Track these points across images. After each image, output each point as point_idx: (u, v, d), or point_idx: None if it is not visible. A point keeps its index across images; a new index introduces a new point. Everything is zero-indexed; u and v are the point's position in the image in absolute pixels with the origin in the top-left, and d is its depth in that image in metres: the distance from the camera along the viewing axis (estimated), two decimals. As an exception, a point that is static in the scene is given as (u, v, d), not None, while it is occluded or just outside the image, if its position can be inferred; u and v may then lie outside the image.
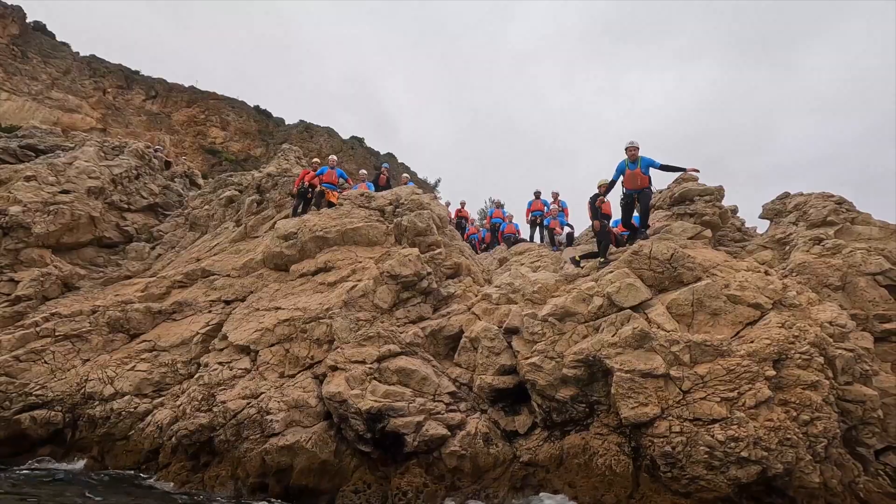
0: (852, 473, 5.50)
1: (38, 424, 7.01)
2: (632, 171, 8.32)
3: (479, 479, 5.95)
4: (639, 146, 8.31)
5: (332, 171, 11.78)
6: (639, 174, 8.27)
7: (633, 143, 8.28)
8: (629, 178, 8.38)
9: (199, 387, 7.07)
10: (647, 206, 8.52)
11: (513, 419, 6.60)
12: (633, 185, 8.36)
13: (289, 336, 7.48)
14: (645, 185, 8.35)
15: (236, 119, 38.52)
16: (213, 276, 9.56)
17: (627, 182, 8.43)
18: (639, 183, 8.31)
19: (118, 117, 32.96)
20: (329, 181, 11.53)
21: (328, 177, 11.58)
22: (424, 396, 6.50)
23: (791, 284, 7.24)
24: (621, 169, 8.45)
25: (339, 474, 6.01)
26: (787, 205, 11.44)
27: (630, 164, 8.34)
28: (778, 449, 4.95)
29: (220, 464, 6.22)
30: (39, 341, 8.11)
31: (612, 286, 6.71)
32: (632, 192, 8.43)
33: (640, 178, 8.27)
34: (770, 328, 5.97)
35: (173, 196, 13.96)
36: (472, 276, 9.60)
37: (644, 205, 8.48)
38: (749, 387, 5.35)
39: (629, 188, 8.44)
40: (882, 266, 8.52)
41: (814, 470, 4.97)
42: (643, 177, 8.27)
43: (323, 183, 11.32)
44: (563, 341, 6.59)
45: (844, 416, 5.85)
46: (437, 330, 7.76)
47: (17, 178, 10.36)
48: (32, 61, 30.31)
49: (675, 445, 5.16)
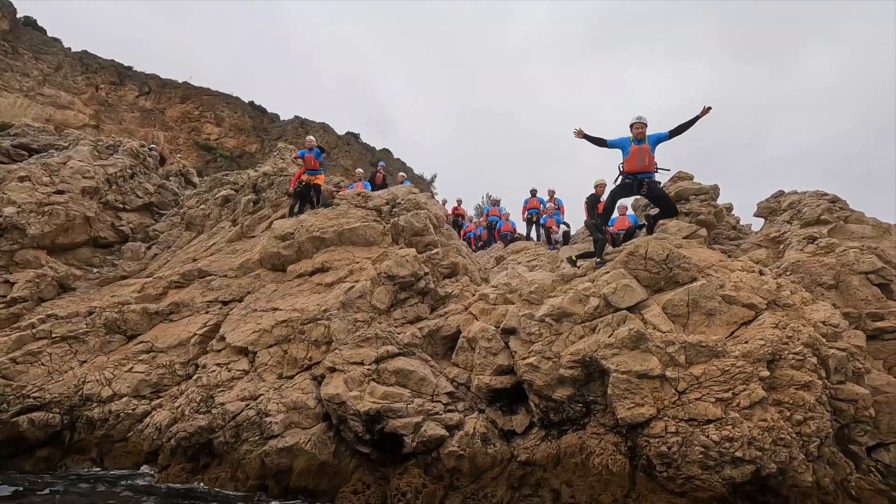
0: (844, 472, 5.60)
1: (36, 427, 7.00)
2: (638, 147, 6.86)
3: (478, 479, 6.00)
4: (647, 123, 6.96)
5: (311, 154, 11.40)
6: (647, 151, 6.81)
7: (640, 119, 6.91)
8: (633, 157, 6.89)
9: (197, 388, 7.08)
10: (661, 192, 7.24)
11: (510, 419, 6.66)
12: (639, 166, 6.89)
13: (287, 337, 7.50)
14: (652, 169, 6.96)
15: (231, 115, 38.28)
16: (209, 277, 9.54)
17: (631, 162, 6.96)
18: (647, 163, 6.86)
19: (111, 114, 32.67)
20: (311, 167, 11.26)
21: (308, 163, 11.29)
22: (423, 397, 6.54)
23: (785, 284, 7.31)
24: (623, 144, 7.00)
25: (338, 475, 6.05)
26: (781, 203, 11.53)
27: (636, 142, 6.96)
28: (772, 449, 5.03)
29: (219, 465, 6.25)
30: (36, 343, 8.09)
31: (609, 287, 6.75)
32: (635, 175, 6.94)
33: (647, 158, 6.82)
34: (764, 328, 6.04)
35: (168, 195, 13.89)
36: (470, 276, 9.64)
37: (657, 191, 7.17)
38: (743, 387, 5.42)
39: (632, 170, 6.95)
40: (875, 265, 8.62)
41: (807, 469, 5.05)
42: (651, 156, 6.84)
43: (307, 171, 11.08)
44: (559, 342, 6.64)
45: (837, 415, 5.94)
46: (434, 330, 7.80)
47: (11, 178, 10.27)
48: (23, 57, 29.95)
49: (671, 445, 5.22)
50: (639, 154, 6.80)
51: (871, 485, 5.73)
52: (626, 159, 6.95)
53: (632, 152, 6.89)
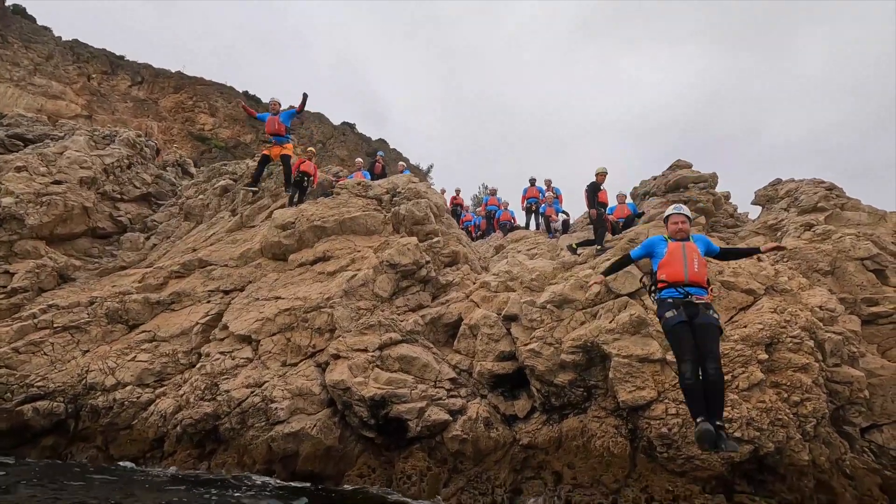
0: (839, 451, 5.74)
1: (40, 415, 7.04)
2: (680, 246, 4.31)
3: (481, 462, 6.11)
4: (691, 217, 4.62)
5: (275, 117, 9.79)
6: (695, 252, 4.26)
7: (679, 211, 4.51)
8: (674, 259, 4.27)
9: (201, 376, 7.13)
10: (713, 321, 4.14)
11: (512, 404, 6.76)
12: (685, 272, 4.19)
13: (290, 325, 7.54)
14: (703, 281, 4.22)
15: (225, 105, 37.84)
16: (210, 267, 9.54)
17: (671, 267, 4.26)
18: (696, 269, 4.19)
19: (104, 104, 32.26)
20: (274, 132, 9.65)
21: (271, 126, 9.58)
22: (426, 383, 6.62)
23: (783, 270, 7.42)
24: (652, 247, 4.49)
25: (343, 459, 6.15)
26: (778, 191, 11.62)
27: (674, 239, 4.41)
28: (769, 429, 5.15)
29: (225, 451, 6.32)
30: (38, 333, 8.09)
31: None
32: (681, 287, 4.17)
33: (696, 261, 4.22)
34: (763, 313, 6.15)
35: (166, 185, 13.80)
36: (470, 265, 9.69)
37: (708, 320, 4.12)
38: (742, 370, 5.53)
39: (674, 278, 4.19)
40: (870, 251, 8.74)
41: (803, 448, 5.18)
42: (702, 261, 4.27)
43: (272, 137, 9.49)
44: (561, 328, 6.72)
45: (832, 397, 6.07)
46: (436, 318, 7.87)
47: (8, 168, 10.18)
48: (13, 46, 29.45)
49: (671, 427, 5.34)
50: (682, 254, 4.24)
51: (865, 464, 5.88)
52: (662, 264, 4.33)
53: (671, 251, 4.31)
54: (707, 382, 3.80)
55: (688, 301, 4.05)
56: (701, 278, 4.17)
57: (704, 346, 3.89)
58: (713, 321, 4.00)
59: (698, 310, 4.02)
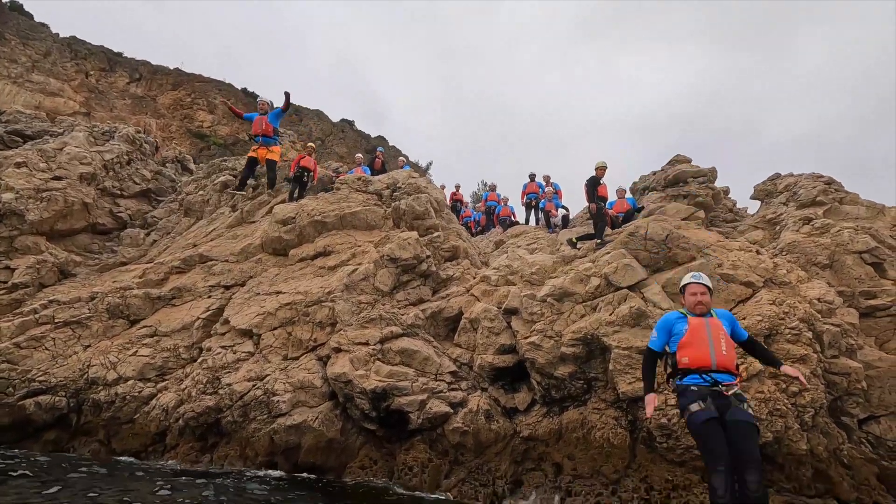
0: (837, 441, 5.79)
1: (42, 410, 7.06)
2: (704, 322, 3.72)
3: (482, 454, 6.16)
4: (711, 287, 4.00)
5: (263, 117, 9.54)
6: (720, 330, 3.67)
7: (700, 280, 3.93)
8: (698, 339, 3.65)
9: (203, 370, 7.15)
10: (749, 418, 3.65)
11: (513, 396, 6.80)
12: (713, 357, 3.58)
13: (291, 319, 7.57)
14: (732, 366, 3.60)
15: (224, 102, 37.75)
16: (211, 262, 9.55)
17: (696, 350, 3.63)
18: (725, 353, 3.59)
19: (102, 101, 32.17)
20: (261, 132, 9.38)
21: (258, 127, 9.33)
22: (427, 376, 6.66)
23: (781, 263, 7.45)
24: (669, 326, 3.87)
25: (345, 452, 6.19)
26: (777, 185, 11.65)
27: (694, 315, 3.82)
28: (768, 419, 5.19)
29: (228, 444, 6.36)
30: (39, 328, 8.11)
31: (609, 266, 6.86)
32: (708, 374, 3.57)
33: (723, 341, 3.62)
34: (761, 305, 6.19)
35: (166, 181, 13.80)
36: (470, 259, 9.72)
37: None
38: (741, 361, 5.55)
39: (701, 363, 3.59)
40: (868, 244, 8.78)
41: (801, 438, 5.23)
42: (730, 341, 3.67)
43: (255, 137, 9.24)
44: (561, 321, 6.76)
45: (830, 388, 6.12)
46: (437, 311, 7.90)
47: (8, 164, 10.18)
48: (11, 43, 29.35)
49: (671, 417, 5.38)
50: (706, 333, 3.62)
51: (862, 454, 5.94)
52: (683, 344, 3.68)
53: (692, 330, 3.67)
54: (746, 499, 2.96)
55: (716, 391, 3.40)
56: (730, 363, 3.49)
57: (742, 451, 3.12)
58: (749, 419, 3.27)
59: (729, 402, 3.34)
